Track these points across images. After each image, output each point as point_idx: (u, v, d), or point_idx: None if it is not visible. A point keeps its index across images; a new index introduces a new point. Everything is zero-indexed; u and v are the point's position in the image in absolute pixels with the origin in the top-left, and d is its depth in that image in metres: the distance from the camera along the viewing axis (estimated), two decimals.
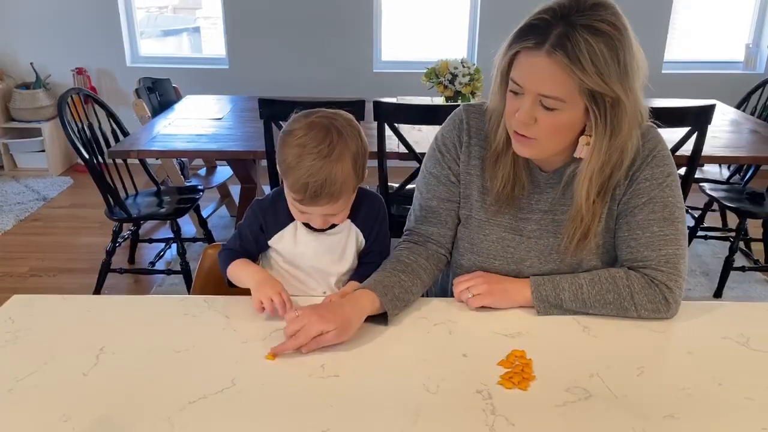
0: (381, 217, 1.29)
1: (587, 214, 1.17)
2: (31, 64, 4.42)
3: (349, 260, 1.27)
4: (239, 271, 1.23)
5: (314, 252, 1.25)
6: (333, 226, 1.24)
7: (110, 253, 2.78)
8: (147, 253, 3.31)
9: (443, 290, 1.41)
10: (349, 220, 1.25)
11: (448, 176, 1.28)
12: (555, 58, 1.02)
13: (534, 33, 1.05)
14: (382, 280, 1.17)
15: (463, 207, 1.28)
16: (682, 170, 2.64)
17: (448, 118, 1.31)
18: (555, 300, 1.19)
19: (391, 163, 2.43)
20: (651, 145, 1.18)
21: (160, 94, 3.45)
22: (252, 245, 1.27)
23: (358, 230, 1.27)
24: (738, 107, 3.46)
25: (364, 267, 1.28)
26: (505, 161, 1.21)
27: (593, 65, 1.02)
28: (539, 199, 1.24)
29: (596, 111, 1.06)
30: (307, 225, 1.24)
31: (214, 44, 4.70)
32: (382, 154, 2.38)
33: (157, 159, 3.02)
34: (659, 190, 1.17)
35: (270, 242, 1.25)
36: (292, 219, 1.23)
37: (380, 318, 1.15)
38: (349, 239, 1.26)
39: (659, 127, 1.22)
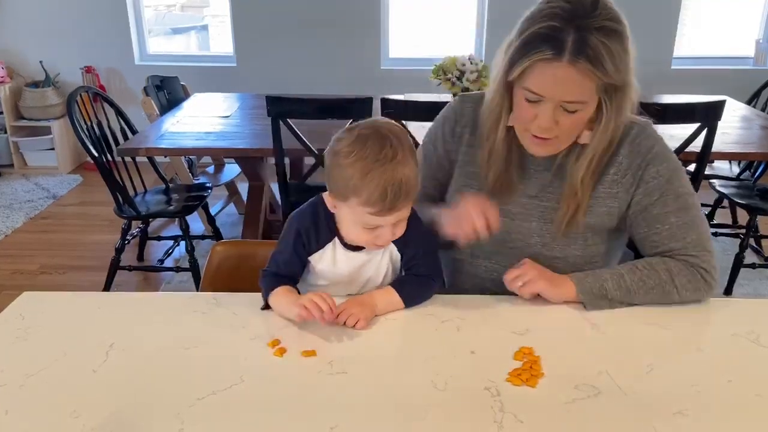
0: (422, 227, 1.24)
1: (581, 190, 1.21)
2: (41, 62, 4.45)
3: (381, 275, 1.23)
4: (282, 299, 1.16)
5: (351, 271, 1.22)
6: None
7: (119, 251, 2.80)
8: (156, 250, 3.33)
9: (452, 285, 1.40)
10: None
11: (439, 159, 1.37)
12: (578, 66, 1.05)
13: (547, 43, 1.06)
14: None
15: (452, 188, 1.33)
16: (692, 167, 2.63)
17: (446, 108, 1.39)
18: (599, 291, 1.18)
19: None
20: (650, 143, 1.22)
21: (168, 92, 3.47)
22: (297, 265, 1.22)
23: (393, 245, 1.22)
24: (748, 103, 3.44)
25: (410, 277, 1.24)
26: (498, 161, 1.25)
27: (613, 65, 1.06)
28: (527, 184, 1.27)
29: (607, 101, 1.11)
30: (344, 244, 1.19)
31: (221, 42, 4.71)
32: None
33: (165, 157, 3.03)
34: (668, 185, 1.20)
35: (310, 258, 1.22)
36: (331, 237, 1.20)
37: None
38: (384, 255, 1.22)
39: (660, 122, 1.24)
